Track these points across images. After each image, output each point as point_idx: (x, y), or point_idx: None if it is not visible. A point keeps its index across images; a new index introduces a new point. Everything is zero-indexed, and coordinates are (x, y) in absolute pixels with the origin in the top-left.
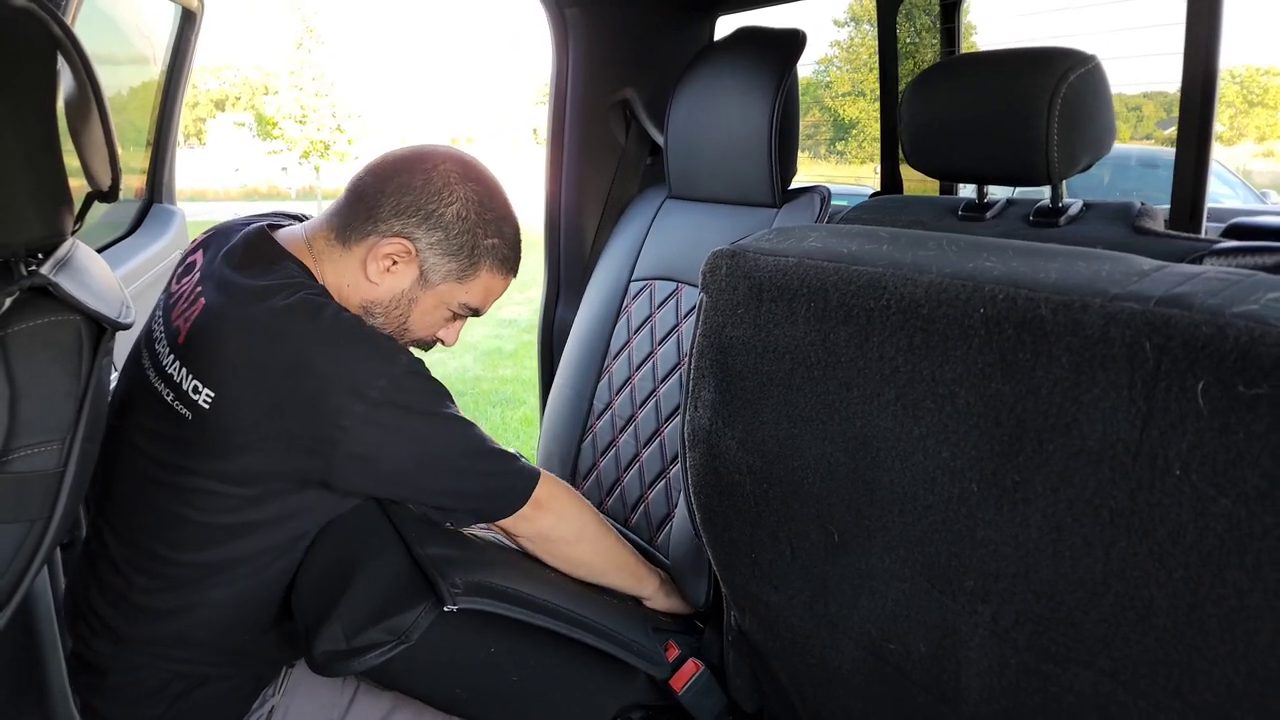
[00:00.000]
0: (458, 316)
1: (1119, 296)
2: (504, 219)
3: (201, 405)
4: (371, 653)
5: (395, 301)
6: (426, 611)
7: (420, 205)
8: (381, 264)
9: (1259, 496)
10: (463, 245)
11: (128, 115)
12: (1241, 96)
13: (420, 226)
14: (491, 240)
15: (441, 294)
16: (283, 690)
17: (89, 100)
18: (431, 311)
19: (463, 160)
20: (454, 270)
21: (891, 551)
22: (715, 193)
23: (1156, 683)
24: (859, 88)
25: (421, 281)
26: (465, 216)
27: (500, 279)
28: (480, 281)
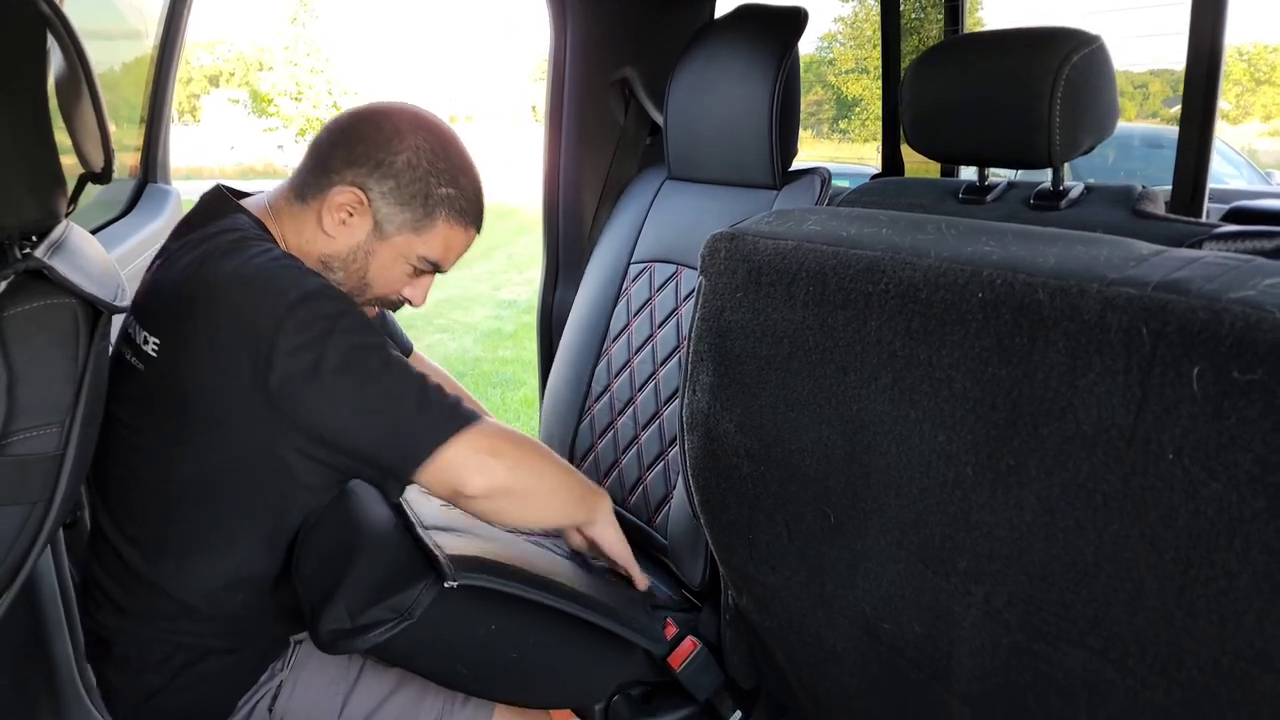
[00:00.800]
0: (420, 272)
1: (1116, 281)
2: (459, 169)
3: (150, 354)
4: (375, 630)
5: (353, 254)
6: (428, 588)
7: (371, 154)
8: (336, 216)
9: (1250, 481)
10: (415, 194)
11: (121, 92)
12: (1249, 74)
13: (371, 175)
14: (446, 190)
15: (399, 246)
16: (290, 665)
17: (79, 80)
18: (390, 265)
19: (416, 113)
20: (409, 220)
21: (887, 533)
22: (715, 174)
23: (1145, 661)
24: (863, 64)
25: (377, 233)
26: (416, 165)
27: (460, 231)
28: (438, 233)
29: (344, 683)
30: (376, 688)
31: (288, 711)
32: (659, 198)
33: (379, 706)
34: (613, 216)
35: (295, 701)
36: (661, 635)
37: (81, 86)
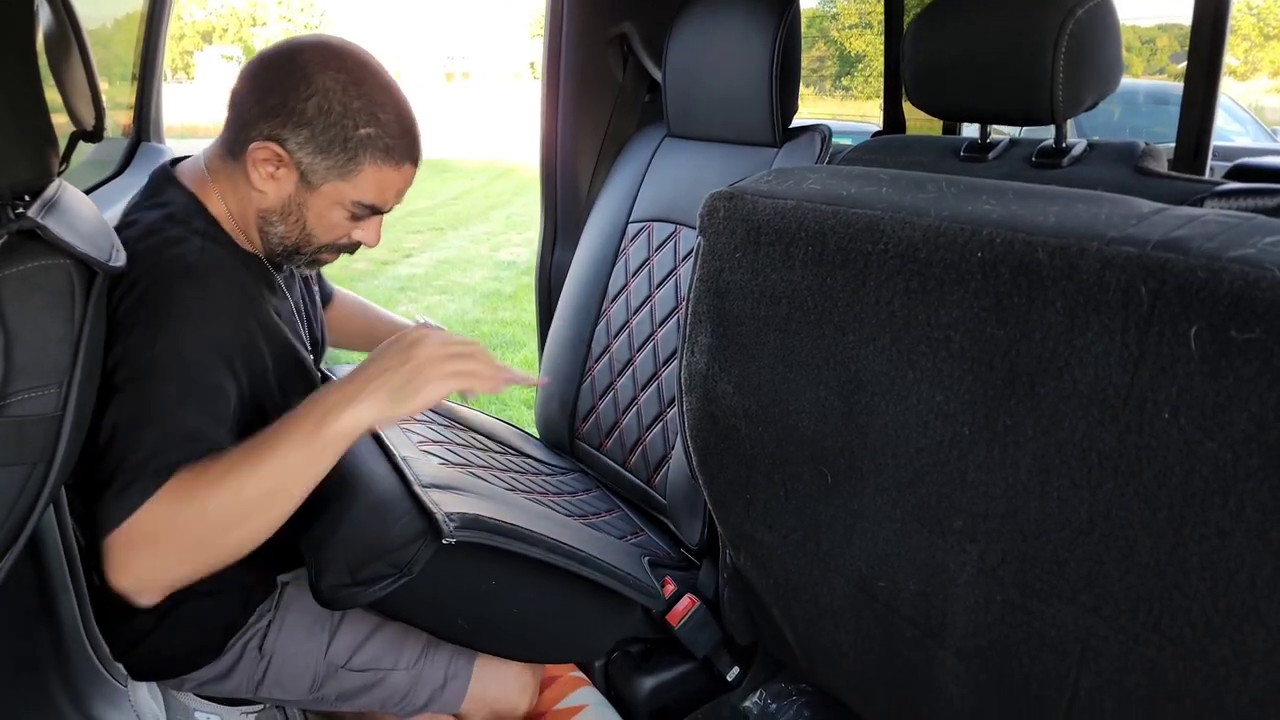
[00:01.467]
0: (359, 217)
1: (1116, 240)
2: (379, 105)
3: None
4: (375, 585)
5: (285, 207)
6: (426, 544)
7: (282, 103)
8: (261, 170)
9: (1245, 440)
10: (333, 139)
11: (113, 49)
12: (1258, 29)
13: (285, 126)
14: (365, 130)
15: (329, 194)
16: (277, 606)
17: (68, 37)
18: (326, 213)
19: (327, 47)
20: (333, 168)
21: (883, 493)
22: (714, 132)
23: (1137, 618)
24: (866, 19)
25: (304, 184)
26: (329, 109)
27: (391, 170)
28: (366, 176)
29: (329, 621)
30: (362, 624)
31: (276, 650)
32: (658, 156)
33: (364, 642)
34: (611, 175)
35: (283, 640)
36: (659, 592)
37: (71, 43)
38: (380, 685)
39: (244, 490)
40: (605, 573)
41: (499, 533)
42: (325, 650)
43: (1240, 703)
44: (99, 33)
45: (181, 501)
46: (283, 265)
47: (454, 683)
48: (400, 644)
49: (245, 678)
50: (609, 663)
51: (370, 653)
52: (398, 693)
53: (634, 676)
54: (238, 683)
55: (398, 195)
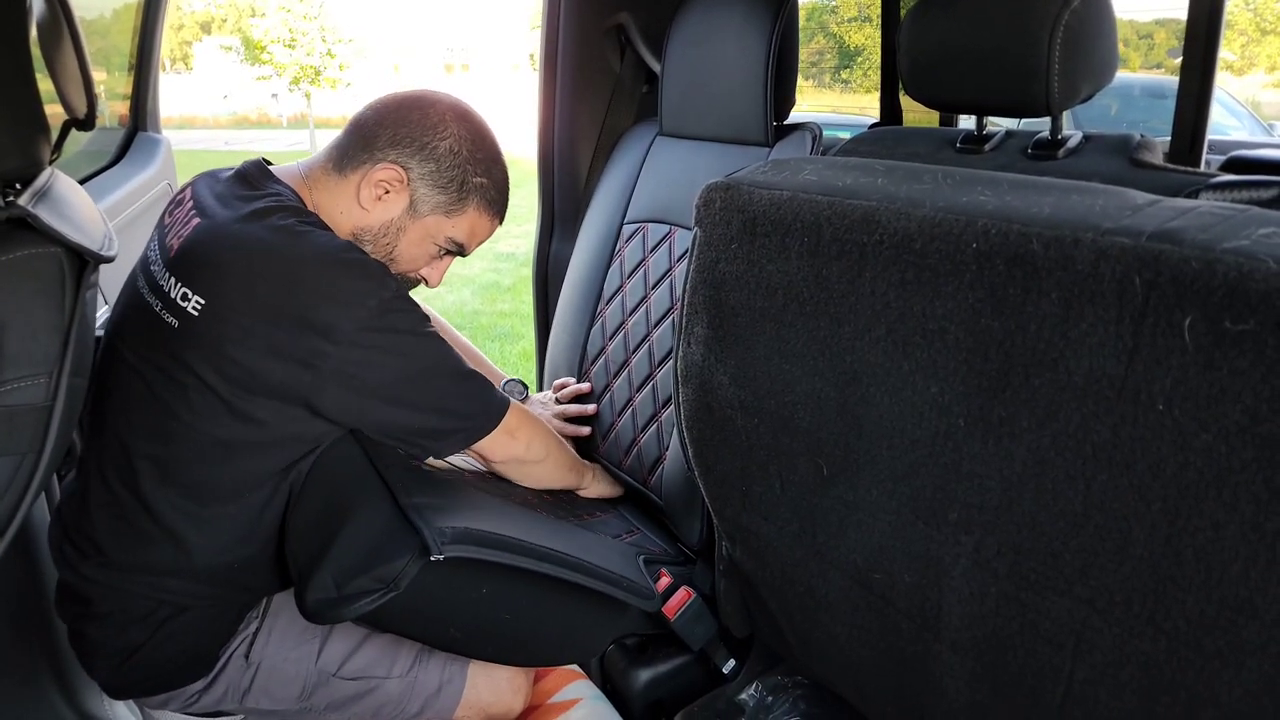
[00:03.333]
0: (444, 253)
1: (1111, 231)
2: (494, 161)
3: (190, 312)
4: (362, 600)
5: (384, 229)
6: (414, 560)
7: (416, 137)
8: (374, 190)
9: (1239, 432)
10: (452, 179)
11: (111, 39)
12: (1254, 24)
13: (414, 157)
14: (480, 179)
15: (429, 226)
16: (265, 613)
17: (61, 25)
18: (418, 244)
19: (458, 104)
20: (443, 203)
21: (879, 484)
22: (708, 130)
23: (1131, 610)
24: (865, 13)
25: (411, 211)
26: (457, 152)
27: (486, 219)
28: (467, 218)
29: (320, 628)
30: (353, 632)
31: (264, 658)
32: (650, 155)
33: (356, 649)
34: (605, 173)
35: (271, 647)
36: (653, 591)
37: (63, 32)
38: (373, 694)
39: (564, 453)
40: (598, 577)
41: (488, 544)
42: (316, 658)
43: (1234, 695)
44: (97, 23)
45: (529, 419)
46: None
47: (448, 688)
48: (394, 651)
49: (231, 687)
50: (604, 656)
51: (362, 660)
52: (390, 701)
53: (630, 669)
54: (222, 693)
55: (478, 244)
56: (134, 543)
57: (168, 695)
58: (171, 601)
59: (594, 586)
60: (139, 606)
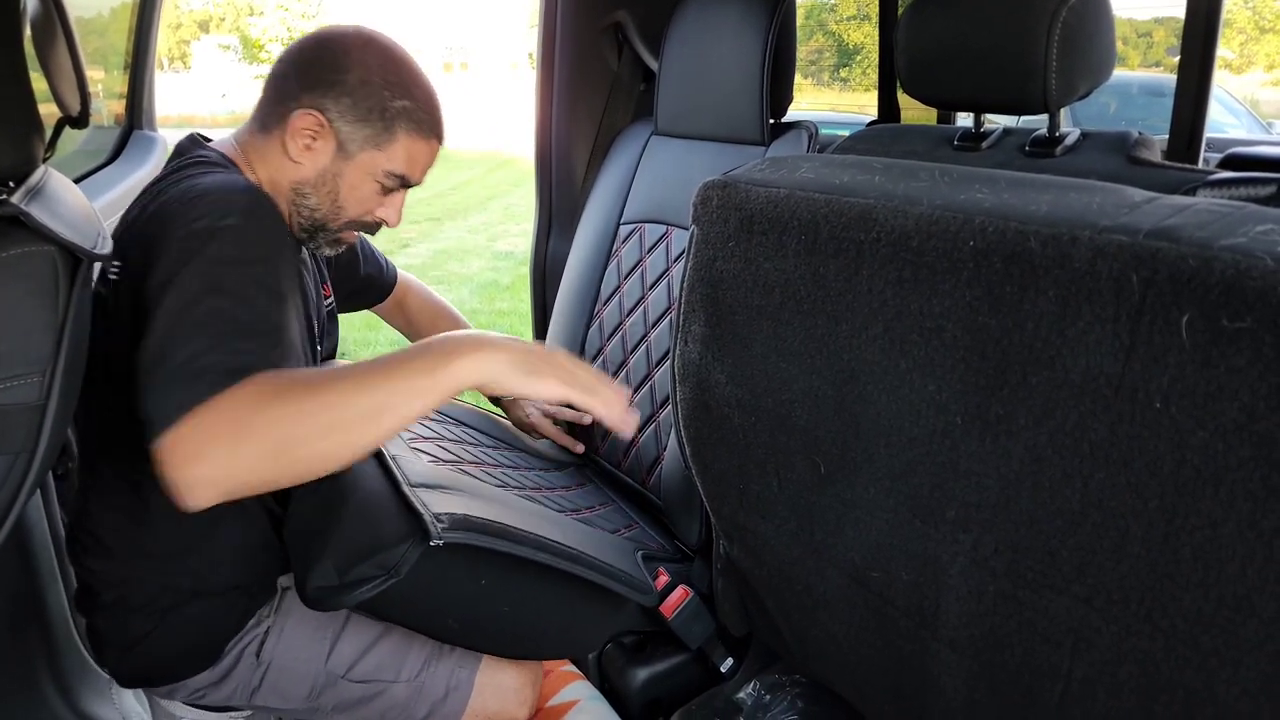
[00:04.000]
0: (389, 190)
1: (1108, 229)
2: (412, 83)
3: (110, 277)
4: (363, 587)
5: (321, 179)
6: (414, 546)
7: (324, 76)
8: (299, 141)
9: (1236, 429)
10: (372, 109)
11: (109, 38)
12: (1253, 23)
13: (327, 96)
14: (402, 102)
15: (364, 163)
16: (277, 610)
17: (54, 22)
18: (360, 184)
19: (363, 32)
20: (370, 137)
21: (876, 482)
22: (703, 129)
23: (1129, 608)
24: (864, 11)
25: (341, 153)
26: (370, 81)
27: (422, 142)
28: (400, 145)
29: (331, 629)
30: (363, 634)
31: (275, 656)
32: (646, 155)
33: (365, 652)
34: (601, 173)
35: (282, 647)
36: (651, 586)
37: (56, 29)
38: (380, 697)
39: (347, 399)
40: (596, 569)
41: (488, 532)
42: (326, 659)
43: (1232, 693)
44: (95, 21)
45: (278, 394)
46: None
47: (455, 695)
48: (403, 655)
49: (241, 684)
50: (602, 655)
51: (372, 663)
52: (397, 705)
53: (627, 668)
54: (232, 689)
55: (423, 170)
56: (131, 531)
57: (174, 686)
58: (174, 588)
59: (591, 579)
60: (140, 595)
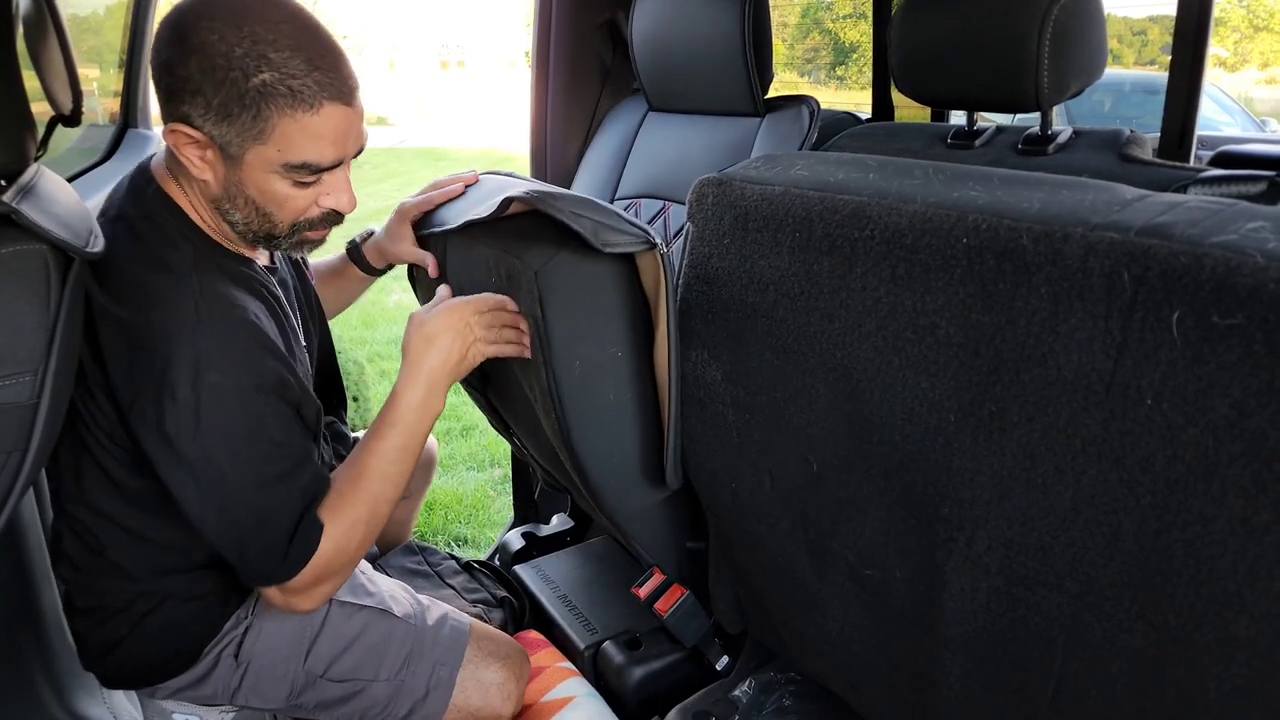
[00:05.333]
0: (306, 182)
1: (1100, 226)
2: (268, 44)
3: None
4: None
5: (230, 192)
6: None
7: (174, 77)
8: (189, 157)
9: (1227, 426)
10: (228, 99)
11: (104, 36)
12: (1247, 21)
13: (184, 101)
14: (260, 77)
15: (256, 164)
16: (255, 611)
17: (46, 21)
18: (269, 186)
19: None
20: (244, 131)
21: (870, 480)
22: (694, 104)
23: (1121, 605)
24: (860, 10)
25: (230, 160)
26: (211, 67)
27: (309, 115)
28: (281, 129)
29: (308, 629)
30: (341, 633)
31: (253, 657)
32: (642, 131)
33: (343, 651)
34: (590, 151)
35: (260, 647)
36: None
37: (48, 27)
38: (360, 696)
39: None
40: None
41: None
42: (304, 659)
43: (1223, 690)
44: (90, 19)
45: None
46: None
47: (436, 693)
48: (381, 654)
49: (221, 685)
50: (597, 653)
51: (350, 662)
52: (378, 703)
53: (623, 666)
54: (213, 690)
55: (336, 144)
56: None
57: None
58: (149, 594)
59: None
60: (114, 601)
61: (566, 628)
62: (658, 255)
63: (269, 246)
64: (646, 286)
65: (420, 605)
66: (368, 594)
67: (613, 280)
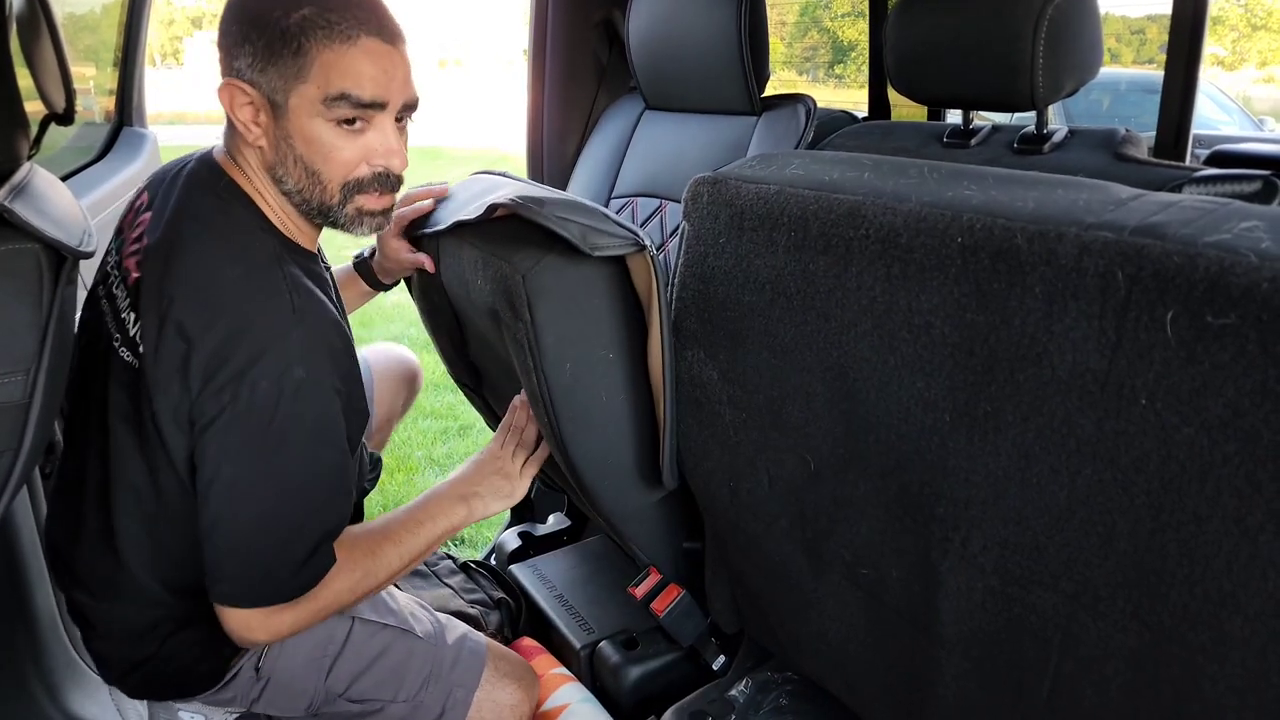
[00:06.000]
0: (354, 122)
1: (1094, 226)
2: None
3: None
4: None
5: (282, 153)
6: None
7: (225, 35)
8: (242, 119)
9: (1221, 425)
10: (271, 41)
11: (100, 34)
12: (1245, 20)
13: (234, 56)
14: (298, 14)
15: (301, 107)
16: None
17: (39, 19)
18: (313, 133)
19: None
20: (287, 72)
21: (866, 479)
22: (690, 102)
23: (1116, 605)
24: (859, 8)
25: (278, 111)
26: (255, 15)
27: (345, 46)
28: (319, 63)
29: (330, 648)
30: (363, 654)
31: (274, 673)
32: (638, 129)
33: (364, 672)
34: (587, 149)
35: (282, 663)
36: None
37: (42, 26)
38: (377, 715)
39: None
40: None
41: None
42: (325, 677)
43: (1218, 690)
44: (86, 18)
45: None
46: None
47: (451, 713)
48: (401, 675)
49: (240, 694)
50: (594, 653)
51: (369, 682)
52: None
53: (619, 666)
54: (231, 697)
55: (375, 81)
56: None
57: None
58: (171, 618)
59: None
60: (139, 623)
61: (563, 627)
62: (648, 257)
63: (328, 221)
64: (638, 288)
65: (439, 624)
66: (390, 611)
67: (602, 283)
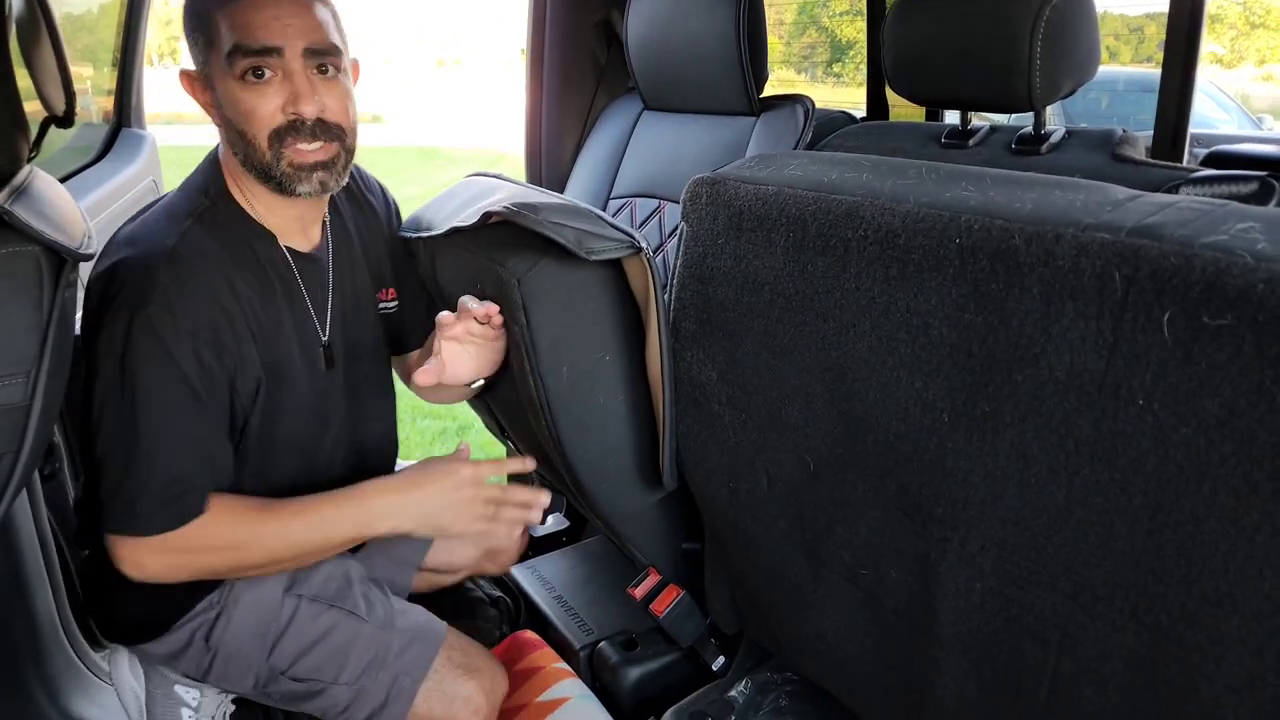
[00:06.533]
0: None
1: (1091, 227)
2: None
3: None
4: None
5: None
6: None
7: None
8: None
9: (1218, 426)
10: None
11: (99, 35)
12: (1244, 18)
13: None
14: None
15: (217, 76)
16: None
17: (39, 21)
18: (230, 93)
19: None
20: (205, 46)
21: (865, 480)
22: (689, 103)
23: (1114, 605)
24: (857, 7)
25: (206, 78)
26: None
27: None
28: (222, 27)
29: (273, 626)
30: (305, 634)
31: (222, 644)
32: (637, 130)
33: (305, 652)
34: (585, 150)
35: (229, 635)
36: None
37: (41, 28)
38: (320, 696)
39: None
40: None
41: None
42: (268, 654)
43: (1215, 689)
44: (84, 18)
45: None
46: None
47: (395, 703)
48: (343, 658)
49: (194, 664)
50: (593, 653)
51: (311, 663)
52: (337, 705)
53: (619, 667)
54: (187, 666)
55: (265, 28)
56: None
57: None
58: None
59: None
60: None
61: (562, 628)
62: (644, 259)
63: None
64: (635, 289)
65: (392, 610)
66: (339, 593)
67: (598, 285)
